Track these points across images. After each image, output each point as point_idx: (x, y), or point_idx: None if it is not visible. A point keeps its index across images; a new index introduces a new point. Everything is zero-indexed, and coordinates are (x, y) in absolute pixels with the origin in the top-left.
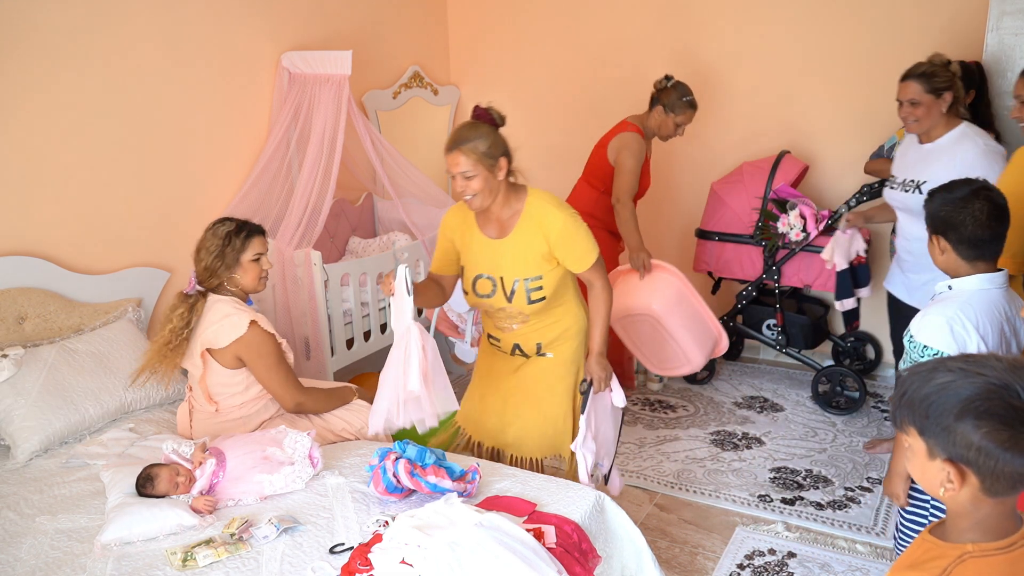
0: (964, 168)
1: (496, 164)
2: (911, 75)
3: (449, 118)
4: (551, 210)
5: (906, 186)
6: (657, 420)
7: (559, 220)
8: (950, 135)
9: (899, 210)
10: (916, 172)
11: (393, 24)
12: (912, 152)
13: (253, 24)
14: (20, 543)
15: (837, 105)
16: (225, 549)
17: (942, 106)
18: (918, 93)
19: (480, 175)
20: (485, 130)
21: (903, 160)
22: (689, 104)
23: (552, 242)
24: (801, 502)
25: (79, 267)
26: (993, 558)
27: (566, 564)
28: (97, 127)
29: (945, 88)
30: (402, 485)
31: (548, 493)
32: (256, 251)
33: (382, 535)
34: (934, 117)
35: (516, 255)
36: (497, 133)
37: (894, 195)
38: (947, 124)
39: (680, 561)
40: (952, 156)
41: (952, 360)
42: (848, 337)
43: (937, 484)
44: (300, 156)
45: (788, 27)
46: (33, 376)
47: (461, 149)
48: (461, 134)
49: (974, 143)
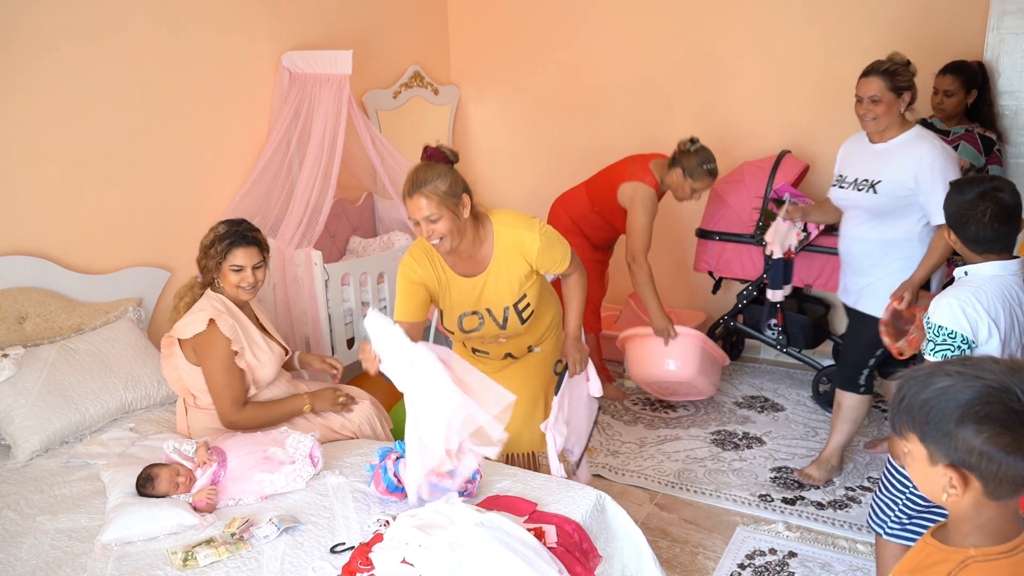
0: (923, 169)
1: (459, 202)
2: (874, 71)
3: (450, 118)
4: (522, 233)
5: (859, 185)
6: (658, 420)
7: (534, 240)
8: (905, 136)
9: (848, 209)
10: (870, 172)
11: (394, 24)
12: (863, 151)
13: (253, 24)
14: (20, 543)
15: (838, 105)
16: (226, 549)
17: (901, 106)
18: (880, 90)
19: (445, 216)
20: (442, 169)
21: (853, 159)
22: (709, 172)
23: (533, 260)
24: (802, 502)
25: (79, 267)
26: (997, 562)
27: (567, 564)
28: (98, 127)
29: (906, 87)
30: (403, 484)
31: (549, 493)
32: (235, 263)
33: (383, 535)
34: (892, 116)
35: (499, 285)
36: (454, 170)
37: (845, 194)
38: (901, 125)
39: (681, 561)
40: (910, 156)
41: (949, 364)
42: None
43: (939, 489)
44: (300, 156)
45: (790, 26)
46: (33, 376)
47: (422, 192)
48: (419, 176)
49: (932, 144)
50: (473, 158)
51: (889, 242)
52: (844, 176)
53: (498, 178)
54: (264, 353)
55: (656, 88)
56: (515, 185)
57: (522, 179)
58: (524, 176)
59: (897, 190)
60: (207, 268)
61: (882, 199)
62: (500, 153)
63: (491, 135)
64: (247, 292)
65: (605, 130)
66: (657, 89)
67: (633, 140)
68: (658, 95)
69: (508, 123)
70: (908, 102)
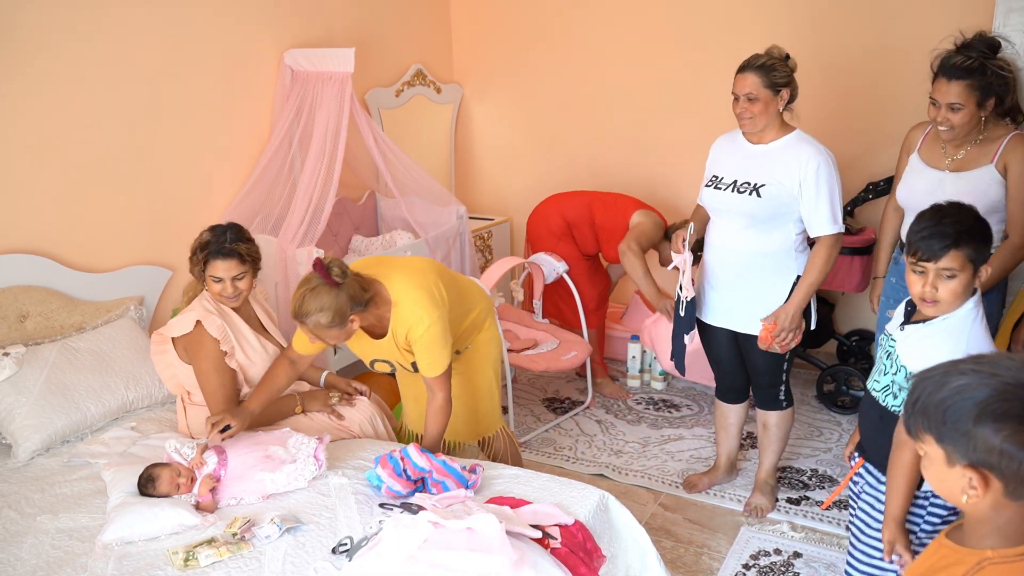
0: (808, 176)
1: (344, 325)
2: (749, 67)
3: (452, 116)
4: (412, 323)
5: (739, 187)
6: (661, 419)
7: (418, 332)
8: (787, 139)
9: (722, 214)
10: (751, 174)
11: (396, 22)
12: (739, 152)
13: (255, 21)
14: (21, 542)
15: (841, 104)
16: (227, 549)
17: (779, 104)
18: (756, 87)
19: (330, 336)
20: (325, 301)
21: (728, 160)
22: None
23: (411, 347)
24: (807, 502)
25: (81, 265)
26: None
27: (571, 565)
28: (99, 125)
29: (784, 84)
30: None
31: (551, 492)
32: (214, 274)
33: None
34: (770, 115)
35: (401, 349)
36: (339, 296)
37: (721, 196)
38: (780, 127)
39: (685, 561)
40: (795, 160)
41: (963, 363)
42: (851, 336)
43: (958, 491)
44: (303, 154)
45: (792, 26)
46: (34, 375)
47: (304, 323)
48: (300, 308)
49: (817, 149)
50: (475, 156)
51: (766, 254)
52: (720, 177)
53: (500, 177)
54: (256, 353)
55: (659, 87)
56: (517, 184)
57: (524, 178)
58: (526, 175)
59: (781, 195)
60: (194, 272)
61: (765, 203)
62: (502, 151)
63: (493, 134)
64: (230, 301)
65: (607, 129)
66: (660, 89)
67: (635, 140)
68: (661, 95)
69: (510, 122)
70: (787, 100)
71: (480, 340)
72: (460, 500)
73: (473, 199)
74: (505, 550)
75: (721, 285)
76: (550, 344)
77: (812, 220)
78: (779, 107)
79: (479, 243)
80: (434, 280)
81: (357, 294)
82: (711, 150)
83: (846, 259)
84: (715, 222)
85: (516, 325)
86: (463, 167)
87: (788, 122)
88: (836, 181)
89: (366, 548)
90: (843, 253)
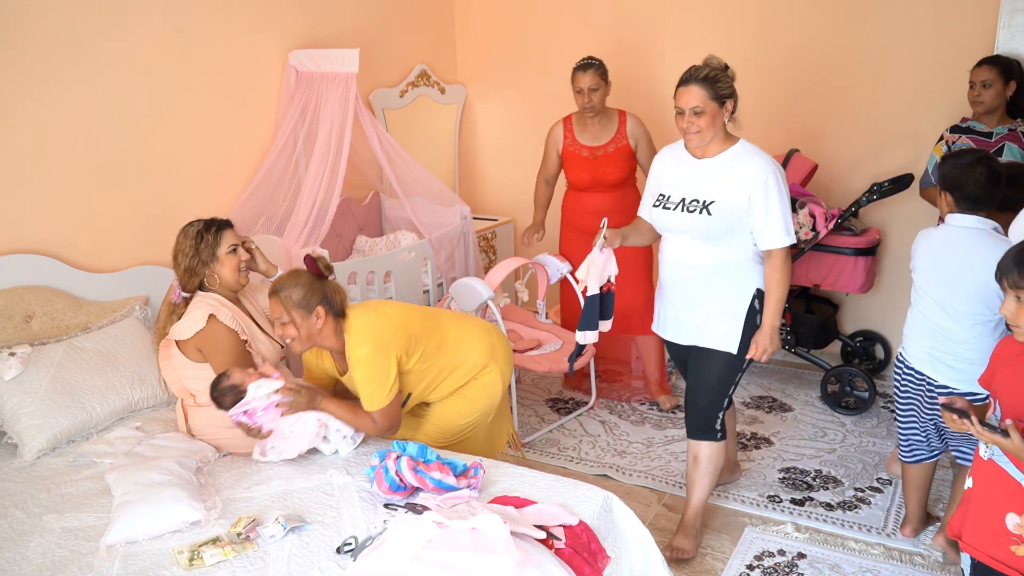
0: (757, 188)
1: (310, 314)
2: (692, 79)
3: (456, 116)
4: (350, 352)
5: (688, 206)
6: (665, 420)
7: (354, 360)
8: (733, 151)
9: (673, 232)
10: (699, 191)
11: (400, 22)
12: (684, 167)
13: (260, 22)
14: (27, 541)
15: (846, 104)
16: (232, 548)
17: (724, 116)
18: (702, 100)
19: (292, 323)
20: (304, 280)
21: (674, 176)
22: None
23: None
24: (811, 503)
25: (86, 265)
26: None
27: (575, 565)
28: (104, 125)
29: (728, 95)
30: (406, 483)
31: (555, 493)
32: (230, 242)
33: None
34: (716, 128)
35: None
36: (317, 284)
37: (671, 216)
38: (725, 139)
39: (689, 561)
40: (743, 172)
41: None
42: (856, 337)
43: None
44: (307, 154)
45: (797, 26)
46: (40, 374)
47: (277, 295)
48: (279, 280)
49: (764, 160)
50: (479, 157)
51: (723, 266)
52: (667, 196)
53: (504, 176)
54: (263, 345)
55: (660, 87)
56: (521, 184)
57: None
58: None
59: (732, 210)
60: (201, 264)
61: (717, 221)
62: (506, 151)
63: (497, 134)
64: (243, 276)
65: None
66: (661, 88)
67: None
68: (663, 94)
69: (514, 122)
70: (731, 111)
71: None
72: (464, 500)
73: (477, 199)
74: (509, 550)
75: (680, 301)
76: (554, 345)
77: (763, 233)
78: (724, 119)
79: (483, 243)
80: (393, 324)
81: (331, 295)
82: (653, 164)
83: (850, 260)
84: (666, 239)
85: (520, 325)
86: (467, 167)
87: (732, 132)
88: (785, 192)
89: (370, 548)
90: (847, 254)
